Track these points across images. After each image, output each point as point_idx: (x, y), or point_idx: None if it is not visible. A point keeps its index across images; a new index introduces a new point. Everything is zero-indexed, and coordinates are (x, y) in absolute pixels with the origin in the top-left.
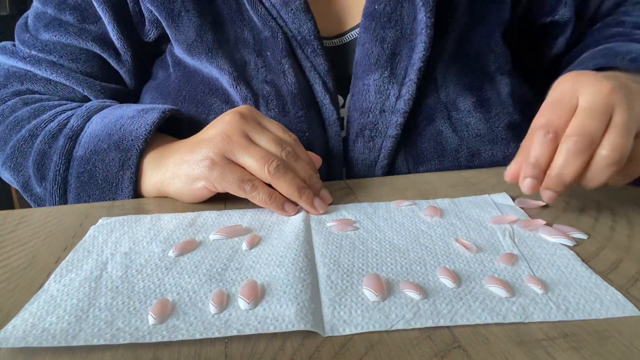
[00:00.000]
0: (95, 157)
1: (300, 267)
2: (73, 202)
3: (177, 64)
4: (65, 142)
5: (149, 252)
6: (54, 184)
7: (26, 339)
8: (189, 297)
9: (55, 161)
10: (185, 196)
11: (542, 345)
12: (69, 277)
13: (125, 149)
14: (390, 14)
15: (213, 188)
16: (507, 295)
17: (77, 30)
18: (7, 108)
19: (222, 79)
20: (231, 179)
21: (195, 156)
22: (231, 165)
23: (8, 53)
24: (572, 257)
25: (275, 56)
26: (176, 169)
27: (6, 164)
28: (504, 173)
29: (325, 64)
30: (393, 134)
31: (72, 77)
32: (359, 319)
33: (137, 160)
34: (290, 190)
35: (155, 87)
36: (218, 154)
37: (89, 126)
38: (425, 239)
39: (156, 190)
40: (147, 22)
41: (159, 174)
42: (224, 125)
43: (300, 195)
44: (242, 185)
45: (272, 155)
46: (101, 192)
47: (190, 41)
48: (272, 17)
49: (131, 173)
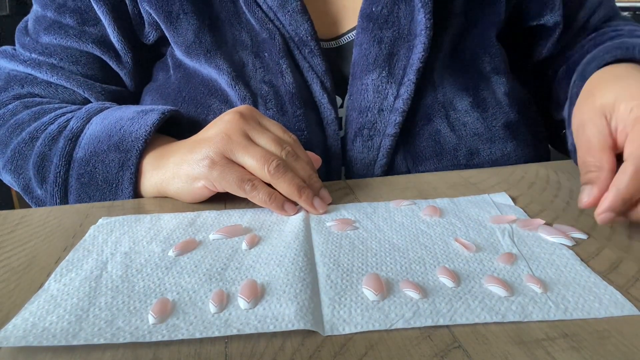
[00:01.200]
0: (95, 158)
1: (300, 266)
2: (74, 203)
3: (178, 66)
4: (65, 144)
5: (149, 251)
6: (55, 185)
7: (26, 338)
8: (189, 297)
9: (56, 163)
10: (185, 196)
11: (542, 345)
12: (69, 277)
13: (125, 149)
14: (387, 15)
15: (213, 187)
16: (507, 294)
17: (77, 32)
18: (7, 111)
19: (221, 79)
20: (231, 178)
21: (195, 156)
22: (231, 165)
23: (8, 57)
24: (571, 257)
25: (273, 57)
26: (176, 169)
27: (7, 166)
28: (578, 199)
29: (322, 64)
30: (392, 132)
31: (72, 79)
32: (358, 318)
33: (137, 161)
34: (290, 189)
35: (155, 88)
36: (218, 153)
37: (89, 128)
38: (424, 238)
39: (156, 190)
40: (147, 24)
41: (159, 174)
42: (223, 124)
43: (300, 195)
44: (242, 185)
45: (272, 155)
46: (101, 193)
47: (188, 43)
48: (269, 19)
49: (131, 174)
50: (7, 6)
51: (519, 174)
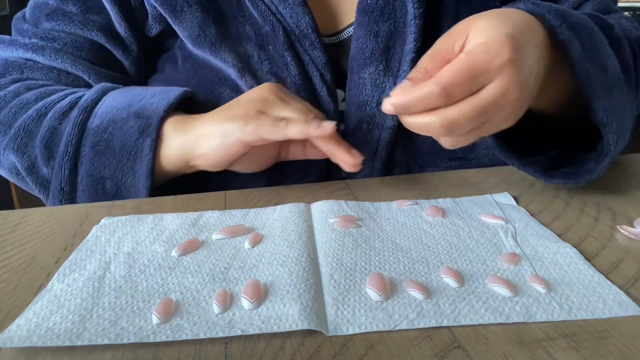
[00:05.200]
0: (112, 125)
1: (303, 266)
2: (85, 174)
3: (187, 57)
4: (79, 113)
5: (151, 251)
6: (65, 155)
7: (30, 338)
8: (192, 297)
9: (68, 131)
10: (216, 154)
11: (542, 345)
12: (72, 277)
13: (146, 116)
14: (383, 7)
15: (248, 138)
16: (511, 294)
17: (81, 19)
18: (9, 93)
19: (228, 70)
20: (266, 122)
21: (230, 112)
22: (265, 115)
23: (5, 43)
24: (575, 256)
25: (277, 50)
26: (208, 128)
27: (10, 145)
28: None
29: (322, 57)
30: (390, 126)
31: (78, 63)
32: (362, 319)
33: (158, 127)
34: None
35: (162, 79)
36: (254, 109)
37: (105, 100)
38: (427, 238)
39: (180, 153)
40: (150, 17)
41: (185, 136)
42: (258, 91)
43: (338, 142)
44: (277, 124)
45: (310, 110)
46: (118, 161)
47: (194, 36)
48: (272, 12)
49: (152, 140)
50: (7, 6)
51: (519, 174)
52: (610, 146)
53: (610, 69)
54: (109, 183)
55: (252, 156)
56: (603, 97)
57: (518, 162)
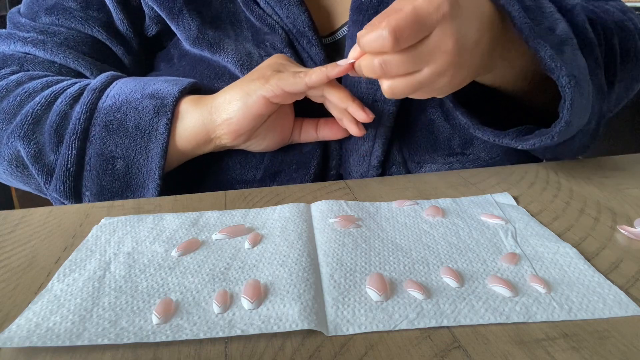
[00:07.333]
0: (126, 105)
1: (303, 266)
2: (94, 153)
3: (183, 55)
4: (90, 95)
5: (151, 251)
6: (73, 134)
7: (30, 338)
8: (192, 297)
9: (78, 111)
10: (238, 118)
11: (542, 345)
12: (72, 277)
13: (161, 97)
14: (377, 6)
15: (271, 93)
16: (511, 294)
17: (82, 15)
18: (11, 82)
19: (227, 66)
20: (286, 76)
21: (249, 78)
22: (284, 71)
23: (2, 37)
24: (575, 255)
25: (277, 48)
26: (228, 95)
27: (15, 132)
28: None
29: (321, 54)
30: (387, 123)
31: (81, 59)
32: (362, 319)
33: (174, 107)
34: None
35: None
36: (272, 69)
37: (117, 83)
38: (427, 238)
39: (200, 126)
40: (147, 18)
41: (205, 107)
42: (270, 59)
43: (353, 100)
44: (296, 75)
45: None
46: (131, 140)
47: (192, 38)
48: (268, 15)
49: (167, 119)
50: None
51: (519, 174)
52: (565, 88)
53: (558, 30)
54: (119, 162)
55: (269, 126)
56: (550, 47)
57: (492, 134)
